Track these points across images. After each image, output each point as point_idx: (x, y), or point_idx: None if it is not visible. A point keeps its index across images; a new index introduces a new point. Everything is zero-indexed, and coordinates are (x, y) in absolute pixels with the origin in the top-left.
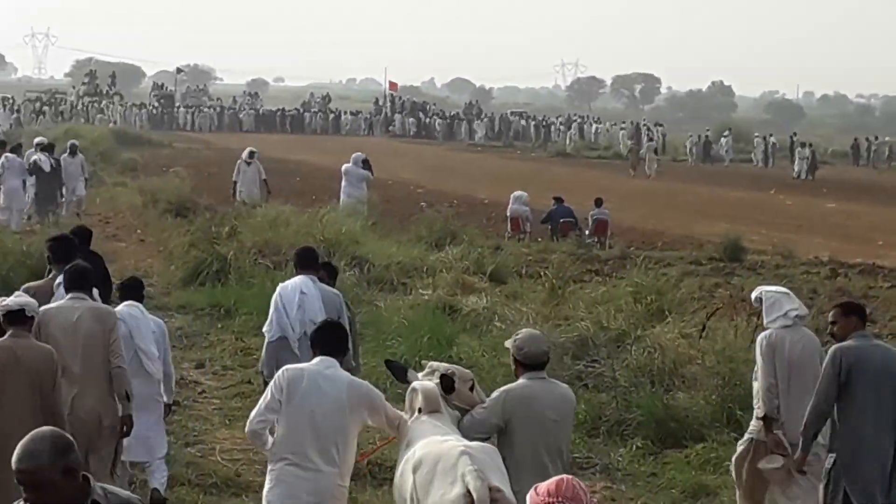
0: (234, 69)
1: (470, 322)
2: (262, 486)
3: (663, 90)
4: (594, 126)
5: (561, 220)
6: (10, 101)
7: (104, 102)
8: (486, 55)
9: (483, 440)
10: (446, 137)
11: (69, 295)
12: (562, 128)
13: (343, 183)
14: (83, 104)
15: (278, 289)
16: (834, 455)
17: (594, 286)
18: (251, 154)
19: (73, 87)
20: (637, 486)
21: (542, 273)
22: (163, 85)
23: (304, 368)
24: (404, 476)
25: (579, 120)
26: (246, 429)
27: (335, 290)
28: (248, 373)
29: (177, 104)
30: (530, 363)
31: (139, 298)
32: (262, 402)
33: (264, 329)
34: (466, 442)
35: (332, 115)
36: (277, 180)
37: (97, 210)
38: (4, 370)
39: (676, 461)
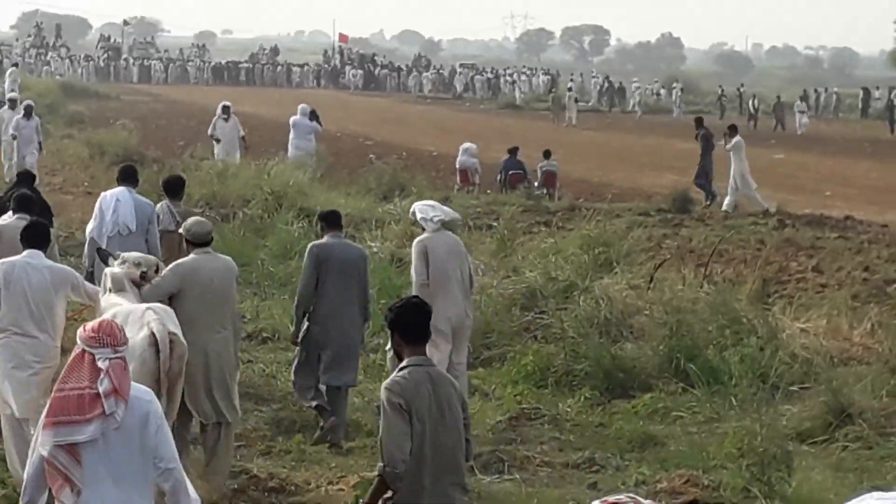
0: (182, 22)
1: None
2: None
3: (613, 42)
4: (543, 78)
5: (510, 172)
6: None
7: (50, 55)
8: (435, 7)
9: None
10: (395, 90)
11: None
12: (510, 80)
13: (291, 135)
14: (29, 56)
15: (100, 196)
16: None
17: (543, 238)
18: (226, 109)
19: (18, 39)
20: (585, 437)
21: (491, 225)
22: (109, 37)
23: (14, 261)
24: None
25: (529, 72)
26: None
27: (147, 201)
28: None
29: (124, 56)
30: (197, 241)
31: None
32: None
33: (87, 228)
34: (151, 304)
35: (280, 68)
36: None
37: (44, 163)
38: None
39: (624, 411)
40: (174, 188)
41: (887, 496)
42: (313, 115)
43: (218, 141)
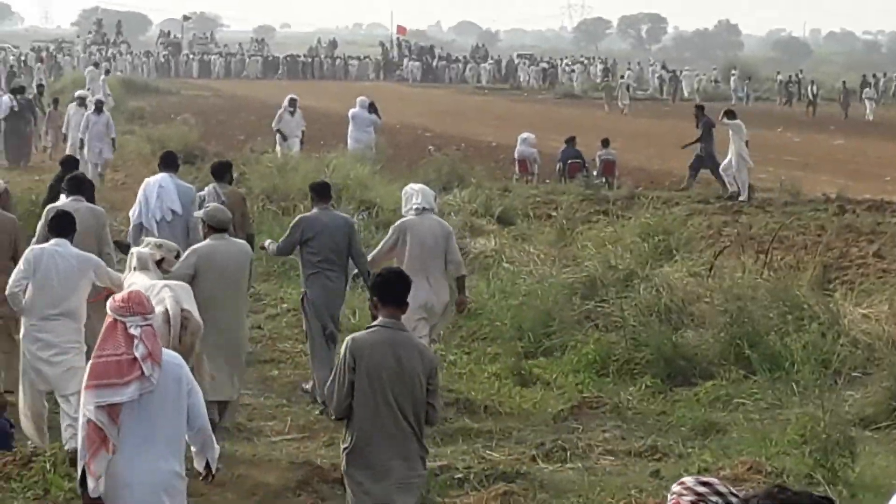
0: (241, 16)
1: (478, 264)
2: (273, 430)
3: (670, 30)
4: (600, 67)
5: (568, 161)
6: (6, 50)
7: (111, 51)
8: None
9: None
10: (453, 81)
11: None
12: (568, 69)
13: (350, 128)
14: (90, 53)
15: (143, 183)
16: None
17: (602, 226)
18: (293, 102)
19: (79, 37)
20: (647, 425)
21: (550, 214)
22: (169, 32)
23: (43, 248)
24: None
25: (586, 61)
26: (6, 293)
27: (189, 185)
28: (257, 318)
29: (184, 52)
30: (216, 227)
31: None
32: (14, 273)
33: (130, 213)
34: (169, 281)
35: (339, 61)
36: None
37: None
38: None
39: (685, 399)
40: (220, 171)
41: None
42: (372, 108)
43: (283, 135)
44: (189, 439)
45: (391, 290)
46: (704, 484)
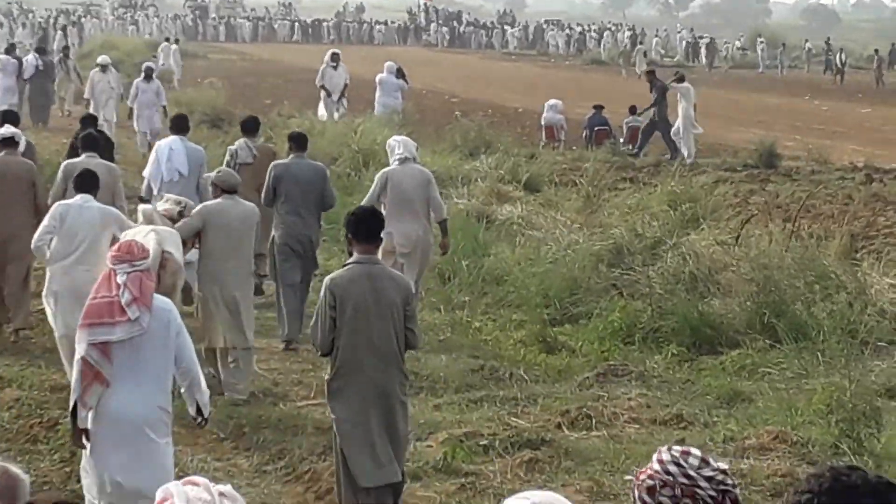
0: None
1: (505, 231)
2: (299, 395)
3: None
4: (627, 33)
5: (595, 129)
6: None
7: (138, 14)
8: None
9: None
10: (480, 47)
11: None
12: (595, 35)
13: (377, 93)
14: (117, 15)
15: (155, 145)
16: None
17: (629, 194)
18: (335, 56)
19: (107, 1)
20: (672, 393)
21: (576, 181)
22: None
23: (70, 203)
24: None
25: (613, 28)
26: (32, 245)
27: (198, 147)
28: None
29: (211, 15)
30: (225, 188)
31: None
32: (41, 227)
33: (144, 172)
34: (157, 227)
35: (365, 25)
36: (312, 90)
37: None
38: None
39: (711, 367)
40: (250, 126)
41: None
42: (399, 73)
43: (327, 91)
44: (177, 377)
45: (363, 226)
46: (685, 452)
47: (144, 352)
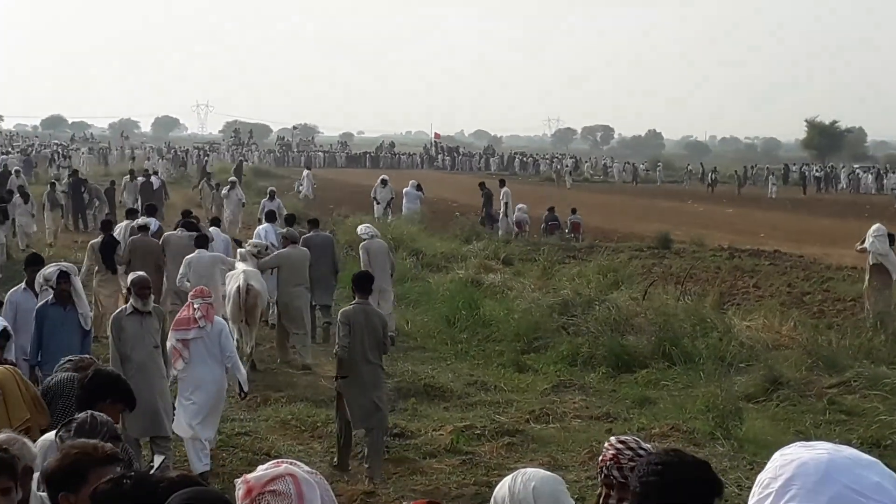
0: (332, 125)
1: (490, 291)
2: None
3: (616, 136)
4: (569, 160)
5: (549, 223)
6: (173, 149)
7: (244, 149)
8: (498, 113)
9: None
10: (472, 169)
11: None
12: (547, 161)
13: (404, 200)
14: (231, 151)
15: (256, 229)
16: None
17: (572, 266)
18: (384, 181)
19: (223, 141)
20: (602, 399)
21: (536, 259)
22: (283, 137)
23: (192, 255)
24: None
25: (559, 156)
26: (176, 283)
27: (281, 229)
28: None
29: (293, 150)
30: (292, 240)
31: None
32: (181, 272)
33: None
34: (247, 269)
35: (395, 156)
36: (360, 198)
37: (244, 224)
38: (140, 252)
39: (628, 381)
40: (314, 222)
41: (808, 444)
42: (419, 187)
43: (377, 200)
44: (224, 361)
45: (363, 284)
46: (622, 442)
47: (208, 345)
